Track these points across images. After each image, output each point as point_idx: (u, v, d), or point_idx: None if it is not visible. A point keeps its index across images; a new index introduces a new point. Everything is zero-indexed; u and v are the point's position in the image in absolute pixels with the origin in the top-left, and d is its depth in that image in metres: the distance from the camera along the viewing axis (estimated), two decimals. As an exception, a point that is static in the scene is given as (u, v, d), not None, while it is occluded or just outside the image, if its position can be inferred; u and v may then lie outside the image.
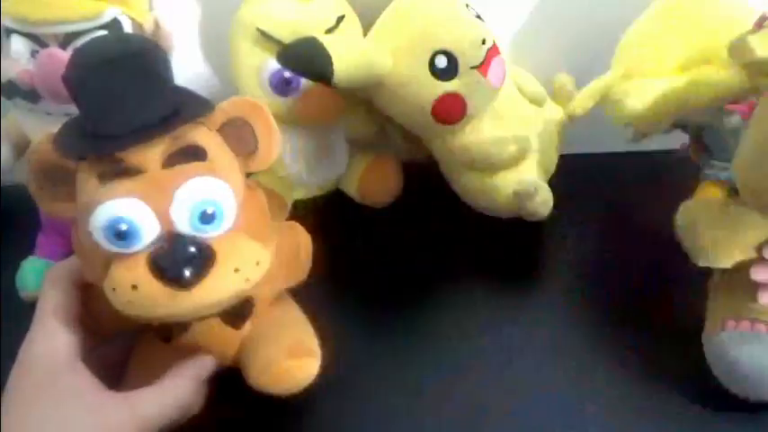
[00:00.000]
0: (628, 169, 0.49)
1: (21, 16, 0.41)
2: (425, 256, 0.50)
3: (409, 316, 0.45)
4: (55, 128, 0.42)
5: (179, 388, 0.33)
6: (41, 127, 0.44)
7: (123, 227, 0.29)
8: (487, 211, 0.51)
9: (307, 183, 0.54)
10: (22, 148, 0.46)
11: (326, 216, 0.55)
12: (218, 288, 0.30)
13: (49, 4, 0.41)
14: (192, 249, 0.29)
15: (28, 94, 0.42)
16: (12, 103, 0.44)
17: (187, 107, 0.31)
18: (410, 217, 0.54)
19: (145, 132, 0.29)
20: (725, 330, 0.36)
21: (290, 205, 0.53)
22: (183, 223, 0.29)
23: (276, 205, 0.51)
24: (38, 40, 0.41)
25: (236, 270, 0.30)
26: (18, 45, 0.42)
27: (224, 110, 0.33)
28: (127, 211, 0.29)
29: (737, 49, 0.34)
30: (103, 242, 0.29)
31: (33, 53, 0.42)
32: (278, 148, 0.35)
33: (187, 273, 0.29)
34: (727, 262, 0.37)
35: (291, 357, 0.34)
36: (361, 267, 0.50)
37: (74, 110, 0.42)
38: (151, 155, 0.30)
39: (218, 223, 0.30)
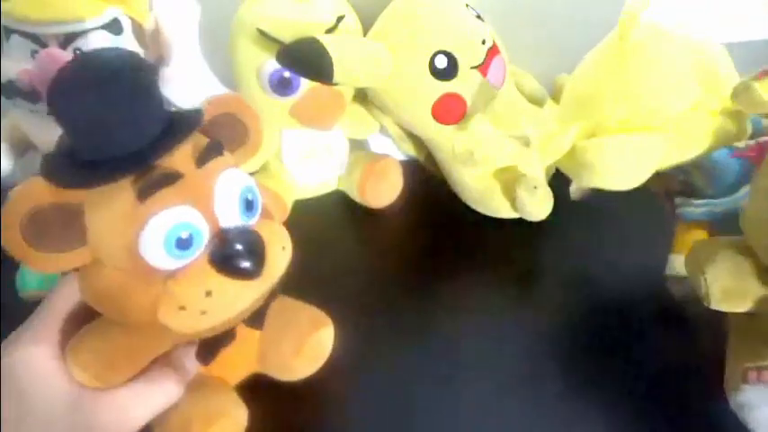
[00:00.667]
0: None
1: (21, 16, 0.41)
2: (425, 257, 0.50)
3: (409, 316, 0.45)
4: (55, 128, 0.43)
5: (170, 383, 0.32)
6: (41, 127, 0.44)
7: (185, 234, 0.27)
8: (487, 211, 0.51)
9: (307, 183, 0.54)
10: (22, 148, 0.46)
11: (326, 216, 0.55)
12: (277, 268, 0.30)
13: (49, 3, 0.41)
14: (249, 239, 0.29)
15: (28, 94, 0.42)
16: (12, 103, 0.43)
17: (183, 111, 0.31)
18: (410, 217, 0.54)
19: (173, 137, 0.28)
20: (747, 383, 0.34)
21: (290, 205, 0.53)
22: (229, 217, 0.29)
23: (276, 206, 0.52)
24: (38, 40, 0.41)
25: (283, 248, 0.31)
26: (18, 45, 0.42)
27: (209, 107, 0.32)
28: (183, 216, 0.28)
29: (744, 95, 0.35)
30: (161, 258, 0.27)
31: (33, 53, 0.41)
32: (263, 136, 0.34)
33: (251, 262, 0.28)
34: (739, 308, 0.36)
35: (317, 329, 0.37)
36: (360, 267, 0.50)
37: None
38: (183, 157, 0.28)
39: (257, 209, 0.31)
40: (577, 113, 0.43)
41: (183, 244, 0.28)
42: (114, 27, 0.43)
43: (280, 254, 0.30)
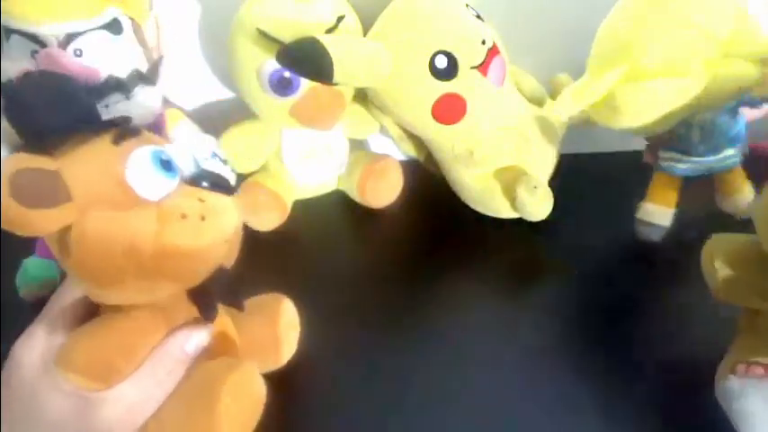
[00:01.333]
0: (627, 169, 0.49)
1: (21, 16, 0.41)
2: (425, 256, 0.50)
3: (409, 316, 0.45)
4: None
5: (174, 372, 0.31)
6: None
7: (165, 156, 0.30)
8: (487, 211, 0.51)
9: (307, 183, 0.54)
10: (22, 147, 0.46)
11: (326, 216, 0.55)
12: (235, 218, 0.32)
13: (48, 3, 0.41)
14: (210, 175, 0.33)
15: (28, 93, 0.42)
16: (12, 103, 0.43)
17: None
18: (410, 217, 0.54)
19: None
20: (734, 374, 0.34)
21: (290, 205, 0.53)
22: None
23: (275, 205, 0.52)
24: (38, 40, 0.41)
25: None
26: (18, 45, 0.42)
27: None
28: (157, 148, 0.30)
29: None
30: (149, 183, 0.29)
31: (33, 53, 0.41)
32: None
33: (222, 183, 0.32)
34: (745, 301, 0.37)
35: (281, 300, 0.41)
36: (360, 267, 0.50)
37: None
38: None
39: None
40: (613, 59, 0.42)
41: (167, 165, 0.30)
42: (114, 27, 0.43)
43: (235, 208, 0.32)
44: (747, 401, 0.33)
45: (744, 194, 0.47)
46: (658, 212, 0.47)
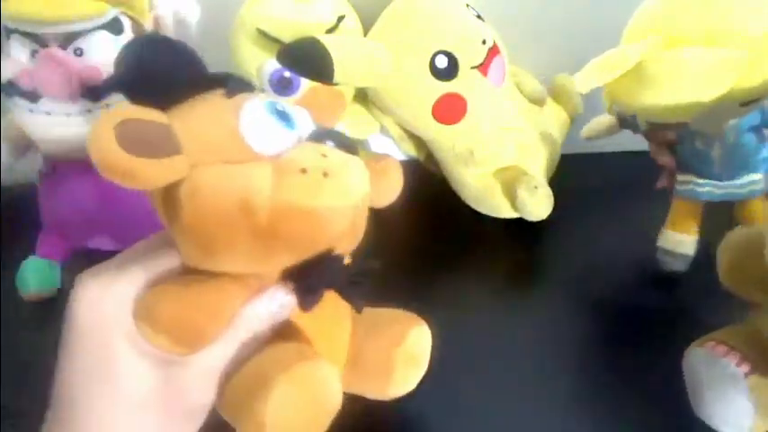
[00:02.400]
0: (628, 169, 0.49)
1: (21, 16, 0.41)
2: (425, 256, 0.50)
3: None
4: (55, 128, 0.43)
5: (254, 335, 0.28)
6: (41, 127, 0.44)
7: (280, 107, 0.28)
8: (488, 211, 0.51)
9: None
10: (21, 148, 0.46)
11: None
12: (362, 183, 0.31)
13: (49, 3, 0.41)
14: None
15: (28, 93, 0.42)
16: (11, 103, 0.43)
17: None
18: (410, 217, 0.54)
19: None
20: (701, 348, 0.35)
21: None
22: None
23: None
24: (38, 40, 0.41)
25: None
26: (18, 45, 0.42)
27: None
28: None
29: None
30: (265, 135, 0.27)
31: (33, 53, 0.41)
32: None
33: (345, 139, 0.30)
34: (748, 291, 0.37)
35: (415, 324, 0.36)
36: (360, 267, 0.50)
37: (73, 109, 0.42)
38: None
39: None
40: (649, 28, 0.39)
41: (283, 116, 0.28)
42: (115, 27, 0.43)
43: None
44: (701, 370, 0.34)
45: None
46: (681, 241, 0.45)
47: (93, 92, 0.42)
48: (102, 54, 0.42)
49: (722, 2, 0.36)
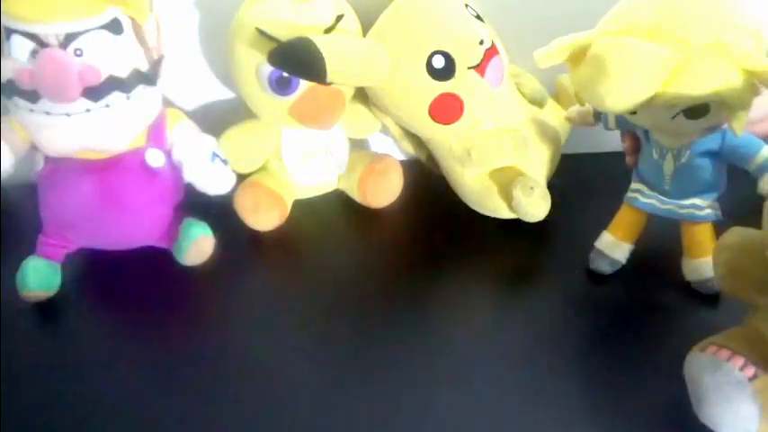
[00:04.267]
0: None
1: (21, 16, 0.41)
2: (425, 256, 0.50)
3: (409, 315, 0.45)
4: (55, 128, 0.43)
5: None
6: (41, 127, 0.44)
7: None
8: (486, 211, 0.51)
9: (307, 182, 0.54)
10: (21, 148, 0.46)
11: (325, 216, 0.55)
12: None
13: (49, 3, 0.41)
14: None
15: (28, 93, 0.42)
16: (11, 103, 0.43)
17: None
18: (410, 217, 0.54)
19: None
20: (703, 352, 0.35)
21: (289, 205, 0.53)
22: None
23: (274, 207, 0.52)
24: (38, 40, 0.41)
25: None
26: (18, 45, 0.42)
27: None
28: None
29: None
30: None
31: (33, 53, 0.41)
32: None
33: None
34: (744, 293, 0.37)
35: None
36: (360, 268, 0.50)
37: (73, 109, 0.42)
38: None
39: None
40: (610, 19, 0.40)
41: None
42: (114, 27, 0.43)
43: None
44: (704, 375, 0.34)
45: (707, 259, 0.42)
46: (615, 245, 0.46)
47: (92, 92, 0.42)
48: (102, 54, 0.42)
49: (679, 4, 0.37)
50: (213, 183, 0.49)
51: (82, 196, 0.45)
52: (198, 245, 0.47)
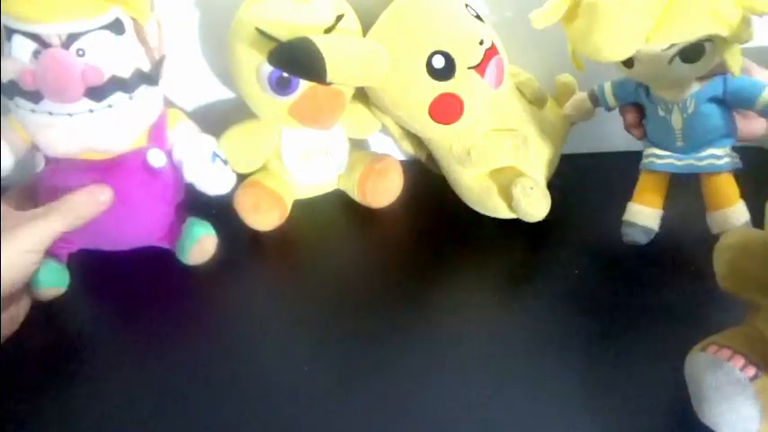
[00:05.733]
0: (628, 169, 0.49)
1: (22, 16, 0.41)
2: (425, 256, 0.50)
3: (409, 315, 0.45)
4: (57, 128, 0.43)
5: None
6: (43, 127, 0.44)
7: None
8: (486, 211, 0.51)
9: (307, 182, 0.54)
10: (21, 147, 0.46)
11: (325, 216, 0.55)
12: None
13: (51, 3, 0.41)
14: None
15: (29, 94, 0.42)
16: (13, 104, 0.44)
17: None
18: (411, 217, 0.54)
19: None
20: (704, 352, 0.35)
21: (289, 205, 0.53)
22: None
23: (274, 207, 0.52)
24: (40, 40, 0.41)
25: None
26: (19, 45, 0.42)
27: None
28: None
29: None
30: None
31: (35, 53, 0.42)
32: None
33: None
34: (745, 291, 0.37)
35: None
36: (360, 267, 0.50)
37: (76, 109, 0.42)
38: None
39: None
40: None
41: None
42: (116, 27, 0.43)
43: None
44: (705, 375, 0.34)
45: (733, 208, 0.44)
46: (641, 212, 0.47)
47: (95, 92, 0.42)
48: (104, 54, 0.42)
49: None
50: (213, 183, 0.49)
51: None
52: (201, 244, 0.47)
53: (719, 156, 0.44)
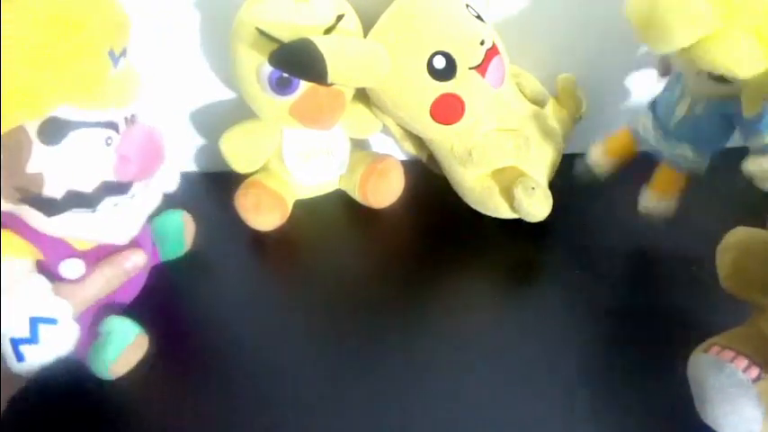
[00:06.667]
0: (628, 169, 0.49)
1: (91, 104, 0.37)
2: (426, 256, 0.50)
3: (409, 315, 0.45)
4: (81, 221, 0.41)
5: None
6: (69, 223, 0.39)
7: None
8: (487, 211, 0.51)
9: (308, 182, 0.54)
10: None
11: (326, 216, 0.55)
12: None
13: (121, 86, 0.36)
14: None
15: (122, 186, 0.38)
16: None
17: None
18: (411, 217, 0.54)
19: None
20: (707, 353, 0.35)
21: (290, 205, 0.53)
22: None
23: (275, 207, 0.52)
24: (114, 126, 0.36)
25: None
26: (81, 139, 0.37)
27: None
28: None
29: None
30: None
31: (108, 141, 0.36)
32: None
33: None
34: (748, 292, 0.37)
35: None
36: (361, 267, 0.50)
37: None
38: None
39: None
40: None
41: None
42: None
43: None
44: (707, 376, 0.34)
45: (667, 203, 0.46)
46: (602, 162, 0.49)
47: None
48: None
49: None
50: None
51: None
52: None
53: (689, 158, 0.44)
